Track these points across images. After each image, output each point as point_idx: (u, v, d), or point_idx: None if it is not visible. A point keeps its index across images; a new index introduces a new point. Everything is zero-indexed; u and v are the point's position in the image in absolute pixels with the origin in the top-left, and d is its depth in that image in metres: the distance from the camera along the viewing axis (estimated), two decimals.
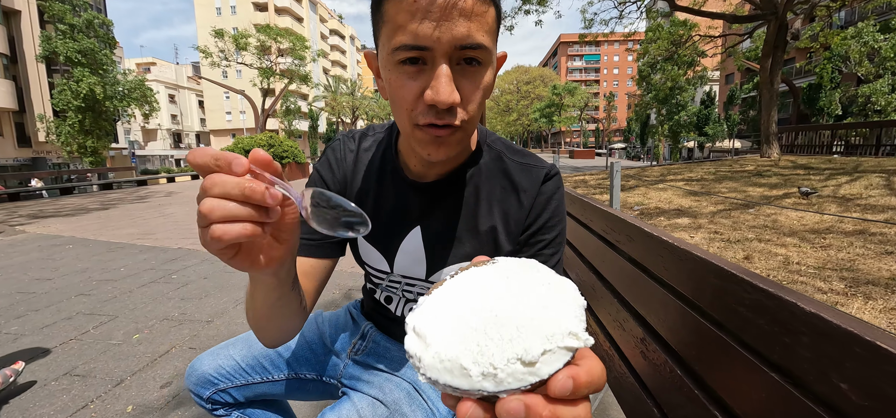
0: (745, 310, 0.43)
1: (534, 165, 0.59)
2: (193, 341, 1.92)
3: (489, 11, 0.43)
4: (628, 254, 0.73)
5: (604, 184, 7.86)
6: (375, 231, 0.62)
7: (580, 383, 0.21)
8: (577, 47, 73.53)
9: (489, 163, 0.59)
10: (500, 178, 0.58)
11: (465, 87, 0.44)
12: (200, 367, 0.71)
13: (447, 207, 0.58)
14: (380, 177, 0.61)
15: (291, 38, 20.24)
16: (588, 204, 0.97)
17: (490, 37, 0.44)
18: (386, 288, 0.67)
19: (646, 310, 0.64)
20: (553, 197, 0.58)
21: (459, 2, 0.40)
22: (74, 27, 16.08)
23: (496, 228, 0.57)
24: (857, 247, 2.98)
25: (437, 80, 0.42)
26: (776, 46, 9.54)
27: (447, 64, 0.42)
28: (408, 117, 0.46)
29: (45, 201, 9.25)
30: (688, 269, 0.54)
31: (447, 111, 0.44)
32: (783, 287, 0.40)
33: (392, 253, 0.61)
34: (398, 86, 0.45)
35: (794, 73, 23.87)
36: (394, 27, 0.42)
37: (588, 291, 0.92)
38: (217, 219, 0.29)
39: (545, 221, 0.57)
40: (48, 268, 3.33)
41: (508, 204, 0.57)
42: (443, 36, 0.41)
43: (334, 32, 58.42)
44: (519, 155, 0.60)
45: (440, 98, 0.42)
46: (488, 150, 0.60)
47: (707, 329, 0.48)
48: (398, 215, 0.60)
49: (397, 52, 0.43)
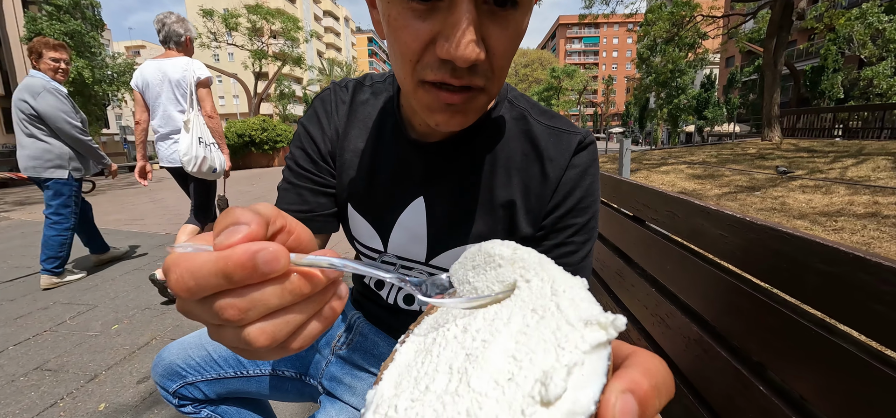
0: (886, 309, 0.30)
1: (565, 130, 0.47)
2: (175, 332, 1.80)
3: None
4: (670, 236, 0.60)
5: (605, 168, 7.74)
6: (369, 201, 0.50)
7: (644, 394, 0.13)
8: (577, 29, 72.34)
9: (510, 123, 0.47)
10: (522, 142, 0.46)
11: (493, 36, 0.32)
12: (168, 357, 0.62)
13: (457, 174, 0.46)
14: (378, 135, 0.49)
15: (283, 19, 19.67)
16: (611, 178, 0.83)
17: None
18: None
19: (702, 304, 0.51)
20: (588, 171, 0.46)
21: None
22: (60, 8, 15.50)
23: (515, 204, 0.46)
24: (871, 229, 2.88)
25: (455, 27, 0.30)
26: (781, 27, 9.31)
27: (472, 5, 0.30)
28: (411, 71, 0.34)
29: (31, 187, 9.02)
30: (774, 251, 0.41)
31: (467, 70, 0.32)
32: None
33: (387, 228, 0.50)
34: (400, 26, 0.32)
35: (795, 56, 23.59)
36: None
37: (612, 278, 0.80)
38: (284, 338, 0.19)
39: (577, 202, 0.45)
40: (29, 255, 3.18)
41: (530, 174, 0.46)
42: None
43: (328, 14, 56.96)
44: (547, 116, 0.48)
45: (459, 52, 0.30)
46: (510, 108, 0.48)
47: (808, 331, 0.36)
48: (398, 182, 0.48)
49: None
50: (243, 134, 11.35)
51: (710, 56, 22.58)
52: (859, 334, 0.32)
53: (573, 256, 0.46)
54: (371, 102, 0.51)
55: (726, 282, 0.46)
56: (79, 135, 2.29)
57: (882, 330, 0.30)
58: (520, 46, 0.35)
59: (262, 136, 11.55)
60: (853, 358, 0.32)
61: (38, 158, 2.23)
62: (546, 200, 0.45)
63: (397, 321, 0.57)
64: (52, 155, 2.24)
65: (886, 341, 0.30)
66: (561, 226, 0.45)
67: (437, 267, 0.50)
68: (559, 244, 0.45)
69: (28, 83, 2.19)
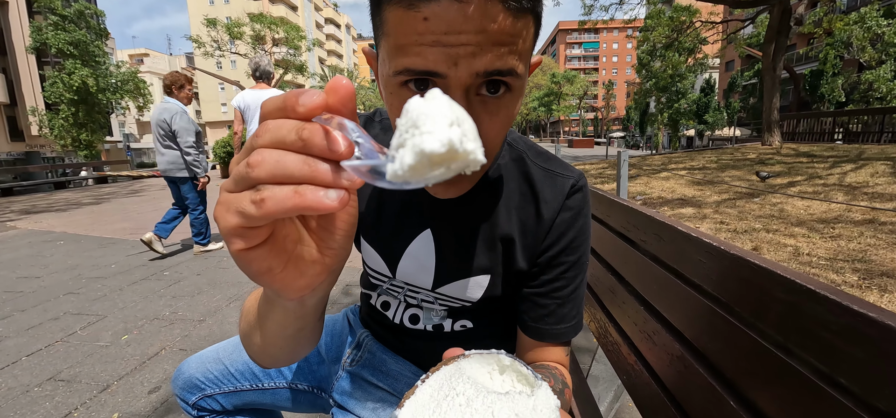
0: (832, 337, 0.34)
1: (559, 174, 0.50)
2: (184, 342, 1.85)
3: (527, 30, 0.33)
4: (657, 256, 0.64)
5: (605, 174, 7.77)
6: (377, 232, 0.54)
7: None
8: (576, 35, 72.69)
9: (510, 164, 0.51)
10: (519, 182, 0.50)
11: (485, 123, 0.35)
12: (187, 370, 0.66)
13: (463, 209, 0.50)
14: None
15: (286, 28, 19.88)
16: (605, 198, 0.88)
17: (524, 59, 0.34)
18: (385, 291, 0.59)
19: (683, 322, 0.55)
20: (581, 213, 0.50)
21: (488, 23, 0.30)
22: (65, 18, 15.72)
23: (513, 240, 0.50)
24: (868, 236, 2.91)
25: None
26: (779, 32, 9.37)
27: (463, 95, 0.33)
28: None
29: (38, 196, 9.12)
30: (742, 278, 0.45)
31: None
32: (883, 309, 0.32)
33: (396, 257, 0.54)
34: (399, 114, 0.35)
35: (795, 60, 23.65)
36: (397, 45, 0.33)
37: (606, 294, 0.84)
38: (264, 177, 0.19)
39: (570, 242, 0.49)
40: (38, 265, 3.24)
41: (527, 213, 0.50)
42: (461, 65, 0.31)
43: (330, 21, 57.48)
44: (542, 159, 0.52)
45: None
46: (510, 149, 0.52)
47: (770, 353, 0.40)
48: (407, 215, 0.52)
49: (401, 75, 0.33)
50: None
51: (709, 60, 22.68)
52: (813, 359, 0.36)
53: (564, 289, 0.50)
54: (380, 137, 0.55)
55: (704, 305, 0.51)
56: (187, 153, 2.98)
57: (831, 357, 0.34)
58: None
59: None
60: (808, 381, 0.36)
61: (173, 163, 3.00)
62: (541, 239, 0.49)
63: (401, 340, 0.61)
64: (177, 161, 3.00)
65: (835, 366, 0.34)
66: (555, 264, 0.49)
67: (444, 294, 0.54)
68: (552, 279, 0.50)
69: (166, 107, 2.93)
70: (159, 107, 2.94)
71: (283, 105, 0.21)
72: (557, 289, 0.50)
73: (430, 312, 0.57)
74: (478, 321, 0.57)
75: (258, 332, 0.37)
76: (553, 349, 0.51)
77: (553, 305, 0.50)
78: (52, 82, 15.83)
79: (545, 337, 0.51)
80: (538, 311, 0.51)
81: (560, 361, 0.52)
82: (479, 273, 0.51)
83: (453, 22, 0.30)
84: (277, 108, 0.21)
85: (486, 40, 0.31)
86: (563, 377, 0.49)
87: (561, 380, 0.48)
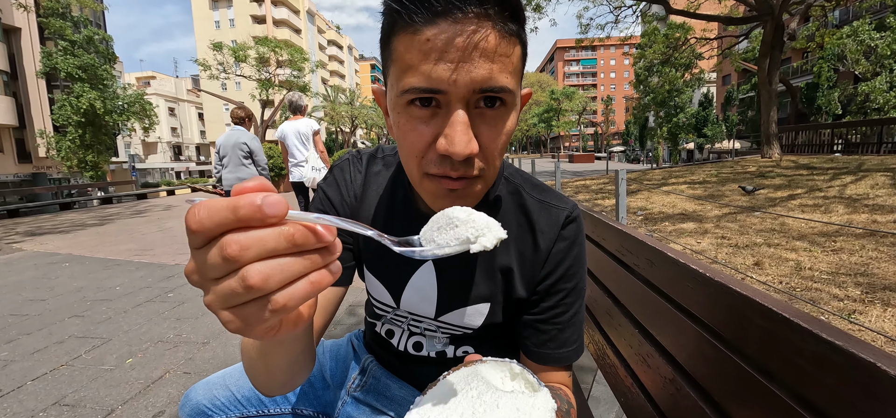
0: (805, 363, 0.37)
1: (554, 205, 0.54)
2: (188, 365, 1.85)
3: (515, 51, 0.38)
4: (649, 280, 0.66)
5: (606, 189, 7.81)
6: (381, 263, 0.57)
7: None
8: (574, 52, 73.96)
9: (507, 197, 0.54)
10: (516, 214, 0.53)
11: (484, 134, 0.39)
12: (195, 397, 0.67)
13: None
14: (390, 207, 0.56)
15: (290, 50, 20.35)
16: (600, 221, 0.91)
17: (514, 77, 0.39)
18: (389, 320, 0.62)
19: (674, 346, 0.58)
20: (576, 242, 0.53)
21: (481, 42, 0.35)
22: (75, 43, 16.17)
23: (512, 270, 0.52)
24: (870, 249, 2.91)
25: (451, 128, 0.37)
26: (773, 47, 9.54)
27: (464, 109, 0.37)
28: (417, 165, 0.41)
29: (43, 217, 9.21)
30: (726, 305, 0.48)
31: (463, 162, 0.39)
32: (852, 337, 0.34)
33: (399, 288, 0.56)
34: (407, 130, 0.40)
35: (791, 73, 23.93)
36: (404, 67, 0.37)
37: (603, 316, 0.86)
38: (274, 288, 0.21)
39: (566, 269, 0.52)
40: (43, 287, 3.27)
41: (524, 244, 0.53)
42: (460, 79, 0.36)
43: (332, 43, 58.83)
44: (538, 191, 0.55)
45: (455, 149, 0.37)
46: (506, 184, 0.55)
47: (753, 378, 0.42)
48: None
49: (408, 94, 0.38)
50: None
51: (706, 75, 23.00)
52: (792, 384, 0.39)
53: (564, 315, 0.53)
54: (383, 173, 0.57)
55: (693, 330, 0.53)
56: (264, 169, 3.71)
57: (806, 383, 0.37)
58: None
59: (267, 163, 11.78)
60: (789, 407, 0.38)
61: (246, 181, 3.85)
62: (538, 268, 0.52)
63: (406, 366, 0.63)
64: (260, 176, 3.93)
65: (809, 391, 0.37)
66: (553, 291, 0.52)
67: (446, 322, 0.56)
68: (552, 306, 0.52)
69: (241, 134, 3.56)
70: (233, 134, 3.53)
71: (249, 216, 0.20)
72: (557, 314, 0.52)
73: (433, 339, 0.59)
74: (480, 347, 0.59)
75: (263, 372, 0.41)
76: (556, 373, 0.54)
77: (554, 331, 0.52)
78: (60, 105, 16.18)
79: (548, 362, 0.53)
80: (540, 337, 0.53)
81: (564, 383, 0.54)
82: (479, 301, 0.54)
83: (451, 41, 0.35)
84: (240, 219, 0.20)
85: (480, 58, 0.36)
86: (568, 397, 0.51)
87: (566, 401, 0.50)
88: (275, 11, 42.63)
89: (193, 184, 25.04)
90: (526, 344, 0.55)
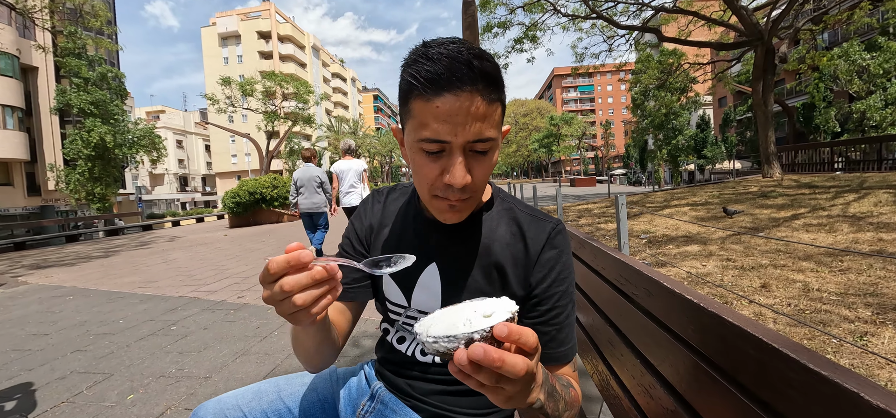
0: (795, 394, 0.38)
1: (541, 219, 0.66)
2: (189, 401, 1.83)
3: (496, 111, 0.53)
4: (648, 310, 0.68)
5: (608, 213, 7.81)
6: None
7: (512, 328, 0.35)
8: (571, 79, 75.82)
9: (502, 211, 0.67)
10: (510, 225, 0.66)
11: (475, 169, 0.54)
12: (205, 415, 0.69)
13: (462, 245, 0.65)
14: (403, 219, 0.70)
15: (296, 84, 21.02)
16: (599, 249, 0.92)
17: (497, 128, 0.53)
18: (401, 325, 0.69)
19: (674, 377, 0.58)
20: (563, 251, 0.64)
21: (473, 109, 0.49)
22: (88, 80, 16.81)
23: (505, 269, 0.63)
24: (878, 269, 2.88)
25: (454, 168, 0.52)
26: (765, 70, 9.76)
27: (462, 154, 0.52)
28: (428, 189, 0.56)
29: (49, 249, 9.29)
30: (720, 335, 0.49)
31: (460, 189, 0.53)
32: (838, 367, 0.36)
33: (410, 287, 0.67)
34: (421, 165, 0.54)
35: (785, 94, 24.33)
36: (420, 122, 0.51)
37: (605, 345, 0.86)
38: (305, 303, 0.41)
39: (557, 275, 0.62)
40: (47, 321, 3.27)
41: (517, 249, 0.64)
42: (459, 135, 0.50)
43: (336, 76, 60.74)
44: (527, 209, 0.68)
45: (456, 181, 0.52)
46: (501, 203, 0.69)
47: (750, 410, 0.43)
48: (418, 252, 0.65)
49: (422, 143, 0.52)
50: (255, 191, 11.75)
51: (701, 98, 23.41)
52: (787, 415, 0.40)
53: (560, 316, 0.62)
54: (400, 199, 0.73)
55: (691, 360, 0.54)
56: (328, 194, 4.89)
57: (796, 412, 0.38)
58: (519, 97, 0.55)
59: (272, 193, 11.94)
60: None
61: (319, 204, 4.77)
62: (530, 269, 0.62)
63: (413, 373, 0.69)
64: (324, 201, 4.84)
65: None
66: (548, 295, 0.62)
67: None
68: (549, 309, 0.62)
69: (313, 169, 4.75)
70: (307, 170, 4.77)
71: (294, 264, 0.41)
72: (554, 316, 0.62)
73: None
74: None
75: (301, 350, 0.60)
76: (560, 368, 0.62)
77: (553, 331, 0.61)
78: (71, 139, 16.63)
79: (550, 361, 0.61)
80: (542, 338, 0.59)
81: (568, 374, 0.62)
82: (479, 295, 0.61)
83: (454, 108, 0.49)
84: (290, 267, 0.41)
85: (473, 119, 0.50)
86: (570, 380, 0.59)
87: (566, 380, 0.57)
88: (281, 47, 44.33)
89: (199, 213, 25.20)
90: None
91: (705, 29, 12.10)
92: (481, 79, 0.49)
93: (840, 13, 10.53)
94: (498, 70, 0.52)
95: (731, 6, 9.64)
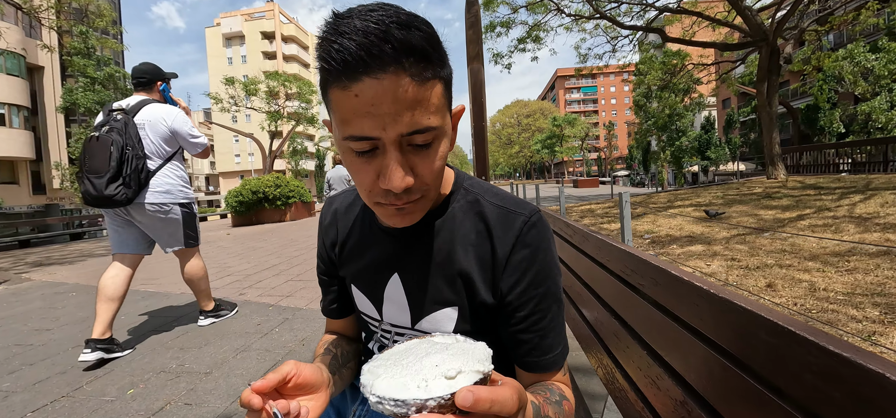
0: (813, 378, 0.36)
1: (511, 210, 0.55)
2: (189, 396, 1.82)
3: (434, 91, 0.42)
4: (655, 300, 0.66)
5: (611, 213, 7.78)
6: (362, 280, 0.62)
7: (479, 397, 0.29)
8: (574, 80, 75.73)
9: (464, 206, 0.57)
10: (474, 221, 0.56)
11: (418, 165, 0.44)
12: None
13: (421, 253, 0.56)
14: (360, 228, 0.63)
15: (299, 84, 21.08)
16: (604, 242, 0.91)
17: (438, 114, 0.43)
18: (379, 338, 0.65)
19: (683, 366, 0.56)
20: (538, 249, 0.53)
21: (401, 94, 0.39)
22: (95, 80, 16.92)
23: (471, 274, 0.54)
24: (885, 268, 2.84)
25: (389, 170, 0.42)
26: (770, 71, 9.69)
27: (398, 150, 0.42)
28: (368, 195, 0.47)
29: (53, 247, 9.34)
30: (731, 321, 0.47)
31: (404, 192, 0.44)
32: (860, 350, 0.34)
33: (380, 301, 0.61)
34: (354, 170, 0.46)
35: (789, 95, 24.17)
36: (341, 117, 0.42)
37: (610, 339, 0.84)
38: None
39: (534, 276, 0.53)
40: (49, 317, 3.27)
41: (483, 250, 0.54)
42: (388, 129, 0.41)
43: None
44: (497, 197, 0.57)
45: (392, 185, 0.43)
46: (465, 194, 0.58)
47: (763, 395, 0.41)
48: (378, 263, 0.60)
49: (348, 141, 0.43)
50: (257, 190, 11.78)
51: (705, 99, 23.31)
52: (802, 401, 0.38)
53: (542, 321, 0.54)
54: (354, 206, 0.65)
55: (702, 349, 0.52)
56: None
57: (814, 397, 0.36)
58: (522, 98, 0.48)
59: (275, 192, 11.96)
60: None
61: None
62: (499, 272, 0.53)
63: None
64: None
65: (818, 407, 0.36)
66: (525, 300, 0.53)
67: (423, 330, 0.58)
68: (528, 315, 0.53)
69: (342, 169, 5.04)
70: (339, 169, 5.05)
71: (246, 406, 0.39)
72: (535, 322, 0.53)
73: None
74: None
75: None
76: (549, 376, 0.56)
77: (536, 339, 0.53)
78: (77, 138, 16.74)
79: (536, 369, 0.55)
80: (524, 347, 0.54)
81: (558, 381, 0.56)
82: (446, 306, 0.56)
83: (376, 96, 0.39)
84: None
85: (403, 107, 0.40)
86: (561, 391, 0.53)
87: (557, 393, 0.52)
88: (285, 47, 44.53)
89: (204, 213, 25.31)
90: (514, 357, 0.56)
91: (709, 29, 12.05)
92: (406, 53, 0.38)
93: (846, 14, 10.45)
94: (431, 38, 0.41)
95: (735, 7, 9.59)
